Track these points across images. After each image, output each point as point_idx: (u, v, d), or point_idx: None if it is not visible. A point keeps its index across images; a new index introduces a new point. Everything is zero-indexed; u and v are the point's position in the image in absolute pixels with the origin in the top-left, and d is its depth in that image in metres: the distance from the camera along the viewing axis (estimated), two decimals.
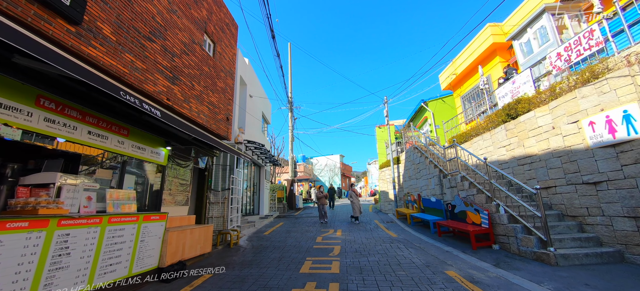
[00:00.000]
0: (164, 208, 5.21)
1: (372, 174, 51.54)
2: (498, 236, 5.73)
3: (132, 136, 4.22)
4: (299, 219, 12.84)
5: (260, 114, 13.93)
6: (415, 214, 9.45)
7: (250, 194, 13.19)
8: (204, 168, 7.14)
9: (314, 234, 8.51)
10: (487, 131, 8.12)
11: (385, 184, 14.29)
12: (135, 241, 3.81)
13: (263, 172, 14.48)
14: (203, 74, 6.42)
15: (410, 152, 11.42)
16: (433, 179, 9.01)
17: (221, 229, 7.12)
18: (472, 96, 12.09)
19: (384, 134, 16.67)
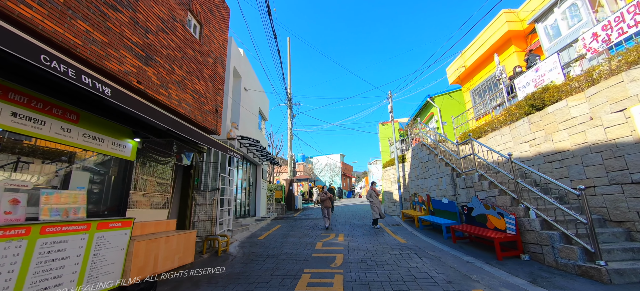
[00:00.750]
0: (135, 212, 4.39)
1: (373, 174, 50.72)
2: (527, 245, 4.90)
3: (84, 123, 3.40)
4: (298, 221, 12.02)
5: (257, 110, 13.12)
6: (424, 216, 8.63)
7: (247, 194, 12.38)
8: (189, 165, 6.33)
9: (313, 239, 7.69)
10: (506, 125, 7.30)
11: (389, 184, 13.48)
12: (85, 256, 3.00)
13: (260, 171, 13.67)
14: (186, 57, 5.60)
15: (417, 149, 10.60)
16: (444, 179, 8.19)
17: (208, 235, 6.31)
18: (483, 89, 11.27)
19: (388, 132, 15.84)
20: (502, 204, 5.64)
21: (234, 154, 6.37)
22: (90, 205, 3.43)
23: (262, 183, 13.69)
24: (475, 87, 11.84)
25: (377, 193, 9.58)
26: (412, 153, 11.19)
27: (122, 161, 4.09)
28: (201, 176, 6.94)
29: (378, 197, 9.49)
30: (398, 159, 12.44)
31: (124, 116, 3.92)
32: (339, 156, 41.20)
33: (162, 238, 4.21)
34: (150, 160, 4.92)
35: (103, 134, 3.66)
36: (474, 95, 11.96)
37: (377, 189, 9.71)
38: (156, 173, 5.09)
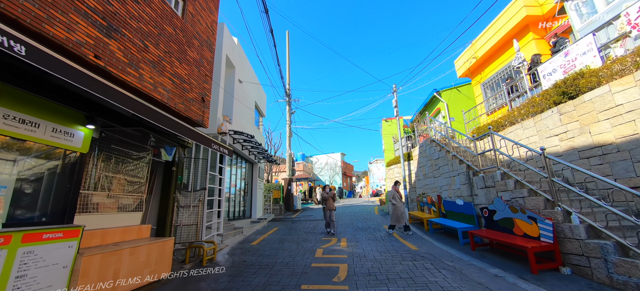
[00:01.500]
0: (95, 218, 3.60)
1: (374, 173, 49.88)
2: (568, 256, 4.11)
3: (6, 100, 2.60)
4: (297, 223, 11.23)
5: (253, 104, 12.32)
6: (434, 219, 7.84)
7: (242, 195, 11.58)
8: (170, 161, 5.53)
9: (312, 244, 6.89)
10: (528, 117, 6.51)
11: (391, 182, 12.69)
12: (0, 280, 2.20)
13: (256, 170, 12.87)
14: (164, 35, 4.79)
15: (425, 146, 9.80)
16: (458, 178, 7.39)
17: (193, 242, 5.51)
18: (496, 81, 10.46)
19: (392, 128, 15.04)
20: (533, 206, 4.84)
21: (220, 149, 5.57)
22: (18, 211, 2.64)
23: (258, 183, 12.90)
24: (486, 80, 11.03)
25: (400, 196, 8.24)
26: (420, 150, 10.39)
27: (70, 154, 3.28)
28: (187, 174, 6.15)
29: (402, 200, 8.28)
30: (403, 157, 11.64)
31: (71, 96, 3.11)
32: (339, 154, 40.41)
33: (126, 249, 3.41)
34: (117, 154, 4.12)
35: (37, 116, 2.85)
36: (485, 88, 11.16)
37: (401, 191, 8.44)
38: (126, 170, 4.29)
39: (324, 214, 8.45)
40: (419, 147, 10.36)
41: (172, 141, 5.37)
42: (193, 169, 6.32)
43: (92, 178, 3.67)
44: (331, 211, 8.34)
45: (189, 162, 6.22)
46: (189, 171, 6.14)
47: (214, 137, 7.99)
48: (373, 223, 10.59)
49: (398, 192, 8.18)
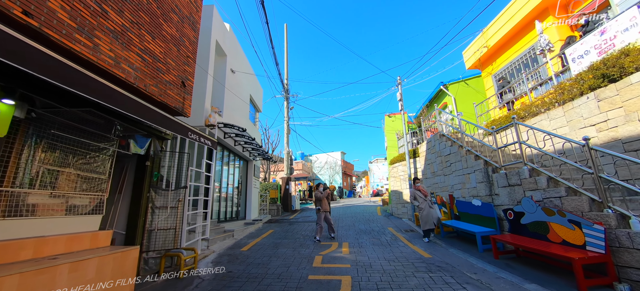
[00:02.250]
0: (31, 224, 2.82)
1: (374, 173, 49.11)
2: (626, 269, 3.31)
3: None
4: (294, 225, 10.43)
5: (248, 98, 11.52)
6: (446, 222, 7.04)
7: (237, 194, 10.78)
8: (144, 155, 4.73)
9: (310, 250, 6.09)
10: (556, 105, 5.72)
11: (398, 182, 11.90)
12: None
13: (251, 168, 12.07)
14: (131, 1, 3.99)
15: (434, 141, 9.00)
16: (474, 175, 6.59)
17: (170, 249, 4.71)
18: (510, 72, 9.67)
19: (396, 124, 14.24)
20: (574, 208, 4.04)
21: (200, 139, 4.77)
22: None
23: (253, 181, 12.11)
24: (498, 71, 10.24)
25: (425, 194, 6.86)
26: (427, 146, 9.60)
27: None
28: (167, 171, 5.34)
29: (427, 199, 6.83)
30: (409, 154, 10.84)
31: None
32: (339, 153, 39.61)
33: (63, 264, 2.61)
34: (65, 143, 3.31)
35: None
36: (497, 80, 10.35)
37: (425, 189, 6.96)
38: (79, 163, 3.49)
39: (318, 217, 7.27)
40: (427, 143, 9.56)
41: (145, 130, 4.56)
42: (174, 164, 5.53)
43: (26, 172, 2.87)
44: (326, 213, 7.29)
45: (169, 157, 5.42)
46: (168, 167, 5.34)
47: (202, 130, 7.20)
48: (376, 224, 9.79)
49: (421, 191, 6.99)
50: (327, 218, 7.25)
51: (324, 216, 7.23)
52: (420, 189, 7.03)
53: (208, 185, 6.40)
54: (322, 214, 7.21)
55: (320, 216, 7.20)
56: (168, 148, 5.48)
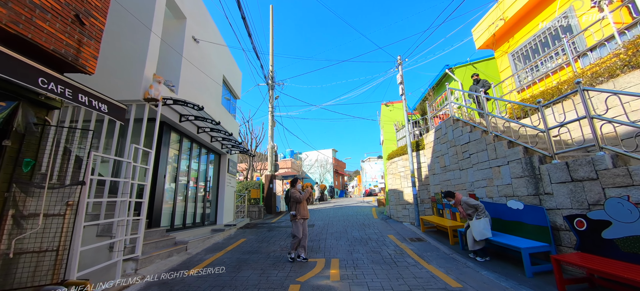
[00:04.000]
0: None
1: (367, 172, 47.63)
2: None
3: None
4: (275, 231, 8.58)
5: (220, 78, 9.59)
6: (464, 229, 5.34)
7: (204, 194, 8.85)
8: (2, 129, 2.81)
9: (284, 274, 4.28)
10: (626, 70, 4.09)
11: (397, 179, 10.22)
12: None
13: (225, 162, 10.15)
14: None
15: (445, 128, 7.32)
16: (507, 168, 4.92)
17: (42, 285, 2.81)
18: (533, 47, 8.08)
19: (394, 114, 12.56)
20: None
21: (92, 103, 2.89)
22: None
23: (228, 179, 10.19)
24: (517, 48, 8.65)
25: (474, 208, 4.62)
26: (436, 136, 7.91)
27: None
28: (50, 156, 3.43)
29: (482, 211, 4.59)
30: (411, 146, 9.15)
31: None
32: (330, 151, 37.87)
33: None
34: None
35: None
36: (516, 59, 8.78)
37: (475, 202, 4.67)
38: None
39: (294, 227, 5.10)
40: (435, 131, 7.88)
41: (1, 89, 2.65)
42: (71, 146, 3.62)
43: None
44: (304, 220, 5.19)
45: (55, 134, 3.49)
46: (53, 150, 3.42)
47: (140, 105, 5.28)
48: (374, 231, 8.04)
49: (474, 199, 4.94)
50: (304, 229, 5.17)
51: (301, 227, 5.11)
52: (473, 197, 5.25)
53: (134, 180, 4.48)
54: (300, 222, 5.14)
55: (299, 226, 5.08)
56: (59, 120, 3.56)
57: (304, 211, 5.23)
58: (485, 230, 4.43)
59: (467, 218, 4.84)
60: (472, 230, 4.54)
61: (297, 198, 5.14)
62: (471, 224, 4.62)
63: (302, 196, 5.19)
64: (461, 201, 4.80)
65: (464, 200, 4.78)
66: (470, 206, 4.68)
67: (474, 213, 4.64)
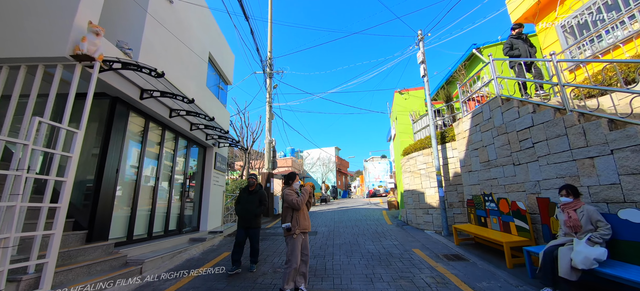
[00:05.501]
0: None
1: (370, 172, 45.97)
2: None
3: None
4: (269, 240, 6.95)
5: (206, 55, 7.97)
6: (532, 248, 3.67)
7: (184, 194, 7.26)
8: None
9: None
10: None
11: (415, 178, 8.58)
12: None
13: (211, 157, 8.54)
14: None
15: (489, 112, 5.66)
16: (608, 161, 3.28)
17: None
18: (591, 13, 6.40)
19: (411, 102, 10.89)
20: None
21: None
22: None
23: (215, 176, 8.57)
24: (569, 17, 6.97)
25: (595, 226, 3.03)
26: (472, 123, 6.25)
27: None
28: None
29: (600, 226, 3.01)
30: (436, 138, 7.49)
31: None
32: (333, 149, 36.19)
33: None
34: None
35: None
36: (566, 31, 7.10)
37: (601, 219, 3.01)
38: None
39: (289, 246, 3.43)
40: (471, 117, 6.22)
41: None
42: None
43: None
44: (304, 235, 3.58)
45: None
46: None
47: (70, 66, 3.68)
48: (392, 242, 6.40)
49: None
50: (304, 248, 3.53)
51: (302, 245, 3.50)
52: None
53: (62, 178, 2.87)
54: (299, 239, 3.46)
55: (296, 245, 3.39)
56: None
57: (305, 222, 3.58)
58: (601, 257, 2.78)
59: (569, 233, 3.21)
60: (577, 254, 2.88)
61: (294, 203, 3.48)
62: (578, 244, 2.97)
63: (300, 200, 3.54)
64: (585, 211, 3.14)
65: (590, 209, 3.13)
66: (595, 221, 3.05)
67: (589, 232, 3.01)
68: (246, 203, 4.67)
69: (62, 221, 3.07)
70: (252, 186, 4.81)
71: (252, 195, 4.74)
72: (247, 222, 4.58)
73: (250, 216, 4.57)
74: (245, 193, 4.80)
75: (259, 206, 4.70)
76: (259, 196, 4.75)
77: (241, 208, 4.67)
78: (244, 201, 4.70)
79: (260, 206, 4.71)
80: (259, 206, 4.70)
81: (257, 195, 4.74)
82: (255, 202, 4.67)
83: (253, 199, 4.69)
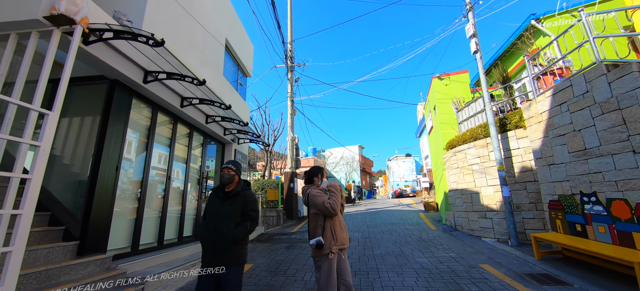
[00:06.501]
0: None
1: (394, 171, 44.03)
2: None
3: None
4: (296, 248, 5.98)
5: (223, 41, 7.19)
6: None
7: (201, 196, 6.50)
8: None
9: None
10: None
11: (466, 175, 7.22)
12: None
13: (229, 154, 7.75)
14: None
15: (585, 84, 4.27)
16: None
17: None
18: None
19: (453, 88, 9.47)
20: None
21: None
22: None
23: None
24: None
25: None
26: (554, 102, 4.84)
27: None
28: None
29: None
30: (496, 126, 6.12)
31: None
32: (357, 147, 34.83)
33: None
34: None
35: None
36: None
37: None
38: None
39: (320, 273, 2.40)
40: (552, 96, 4.83)
41: None
42: None
43: None
44: (342, 252, 2.50)
45: None
46: None
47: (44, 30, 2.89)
48: (447, 253, 5.15)
49: None
50: (342, 272, 2.44)
51: (339, 267, 2.45)
52: None
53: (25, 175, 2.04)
54: (335, 259, 2.42)
55: (330, 269, 2.36)
56: None
57: (342, 233, 2.52)
58: None
59: None
60: None
61: (326, 207, 2.42)
62: None
63: (333, 202, 2.46)
64: None
65: None
66: None
67: None
68: (216, 216, 2.38)
69: (24, 234, 2.24)
70: (228, 184, 2.51)
71: (229, 201, 2.44)
72: (216, 254, 2.30)
73: (222, 241, 2.30)
74: (215, 197, 2.50)
75: (242, 223, 2.40)
76: (241, 202, 2.45)
77: (206, 226, 2.39)
78: (212, 214, 2.41)
79: (245, 221, 2.42)
80: (242, 221, 2.42)
81: (237, 201, 2.45)
82: (232, 214, 2.38)
83: (228, 211, 2.39)
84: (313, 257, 2.48)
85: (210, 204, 2.49)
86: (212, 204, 2.46)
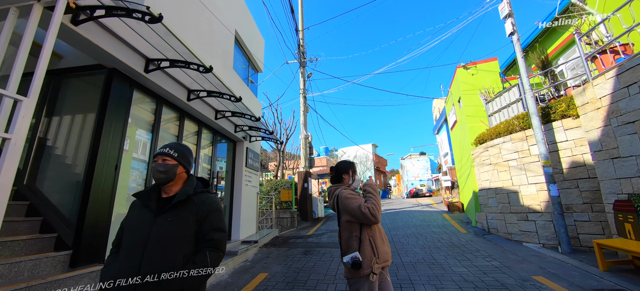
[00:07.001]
0: None
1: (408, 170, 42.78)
2: None
3: None
4: (314, 254, 5.45)
5: (232, 32, 6.74)
6: None
7: None
8: None
9: None
10: None
11: (502, 172, 6.47)
12: None
13: (241, 152, 7.33)
14: None
15: None
16: None
17: None
18: None
19: (480, 78, 8.66)
20: None
21: None
22: None
23: (246, 175, 7.31)
24: None
25: None
26: (617, 83, 4.09)
27: None
28: None
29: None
30: (539, 115, 5.38)
31: None
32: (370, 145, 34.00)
33: None
34: None
35: None
36: None
37: None
38: None
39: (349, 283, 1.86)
40: (616, 77, 4.07)
41: None
42: None
43: None
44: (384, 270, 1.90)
45: None
46: None
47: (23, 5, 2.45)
48: (488, 261, 4.48)
49: None
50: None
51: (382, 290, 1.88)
52: None
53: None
54: (376, 284, 1.80)
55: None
56: None
57: (384, 246, 1.92)
58: None
59: None
60: None
61: (365, 214, 1.82)
62: None
63: (372, 206, 1.84)
64: None
65: None
66: None
67: None
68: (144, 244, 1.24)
69: None
70: (165, 185, 1.39)
71: (170, 215, 1.30)
72: None
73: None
74: (142, 208, 1.36)
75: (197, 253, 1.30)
76: (193, 216, 1.33)
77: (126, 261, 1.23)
78: (138, 239, 1.26)
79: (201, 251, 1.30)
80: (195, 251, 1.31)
81: (184, 214, 1.32)
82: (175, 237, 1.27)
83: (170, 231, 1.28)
84: (347, 278, 1.91)
85: (132, 221, 1.36)
86: (137, 222, 1.33)
